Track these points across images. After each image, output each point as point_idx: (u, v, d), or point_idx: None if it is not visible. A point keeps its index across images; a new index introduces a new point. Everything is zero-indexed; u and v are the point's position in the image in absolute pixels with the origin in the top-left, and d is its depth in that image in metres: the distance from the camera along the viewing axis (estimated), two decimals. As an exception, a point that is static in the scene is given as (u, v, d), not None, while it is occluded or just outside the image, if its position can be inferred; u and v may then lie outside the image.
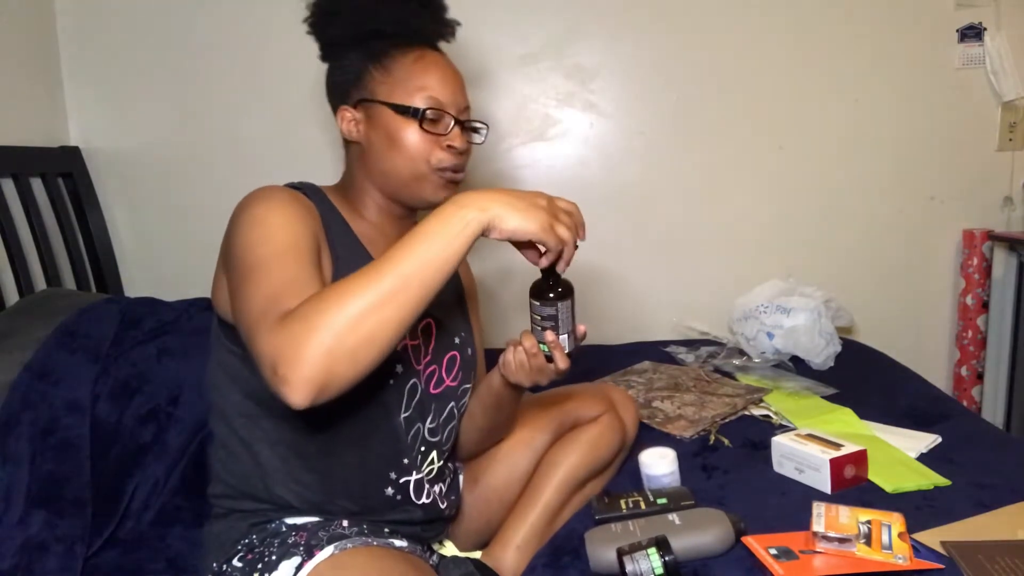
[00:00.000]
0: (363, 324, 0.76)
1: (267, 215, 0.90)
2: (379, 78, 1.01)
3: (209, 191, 2.01)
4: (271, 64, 1.96)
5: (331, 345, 0.74)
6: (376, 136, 1.01)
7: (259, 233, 0.88)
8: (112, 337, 1.32)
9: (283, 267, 0.85)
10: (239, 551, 0.96)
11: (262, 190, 0.95)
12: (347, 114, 1.04)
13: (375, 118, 1.01)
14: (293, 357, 0.74)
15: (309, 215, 0.95)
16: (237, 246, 0.89)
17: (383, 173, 1.02)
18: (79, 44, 1.96)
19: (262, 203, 0.92)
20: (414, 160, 1.00)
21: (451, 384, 1.09)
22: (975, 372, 2.17)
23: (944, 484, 1.18)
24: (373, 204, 1.06)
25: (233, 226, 0.92)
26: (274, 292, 0.81)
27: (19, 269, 1.63)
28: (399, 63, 1.01)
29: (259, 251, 0.87)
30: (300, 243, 0.89)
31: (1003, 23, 2.04)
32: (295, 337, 0.75)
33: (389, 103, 1.00)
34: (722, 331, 2.09)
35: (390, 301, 0.78)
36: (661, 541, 0.96)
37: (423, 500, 1.05)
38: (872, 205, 2.14)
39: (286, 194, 0.95)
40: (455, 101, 1.03)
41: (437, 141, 1.00)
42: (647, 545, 0.96)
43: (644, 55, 2.07)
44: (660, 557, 0.95)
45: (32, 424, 1.17)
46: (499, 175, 2.08)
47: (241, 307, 0.84)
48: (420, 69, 1.01)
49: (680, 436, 1.45)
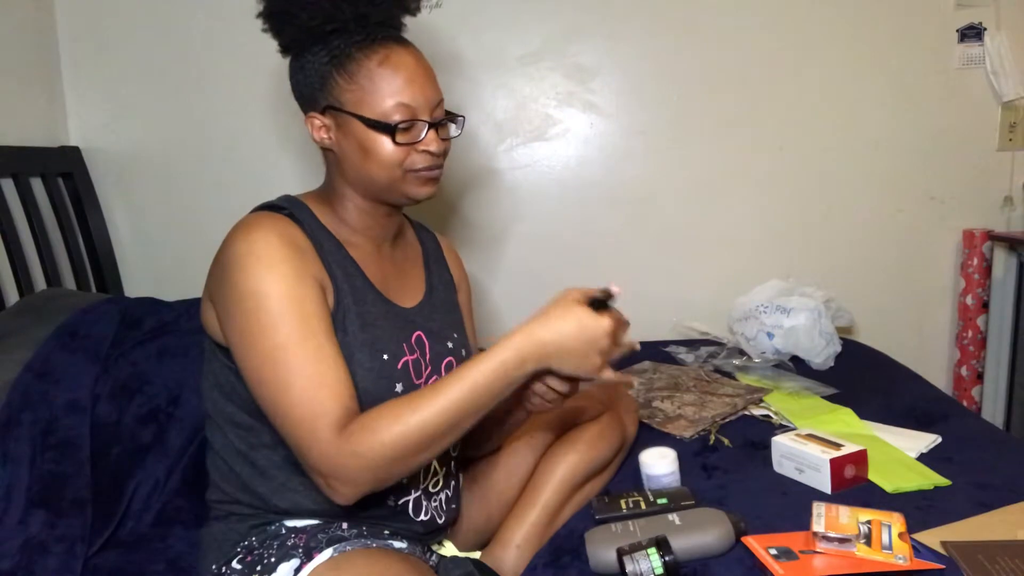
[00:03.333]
0: (415, 464, 0.89)
1: (267, 287, 0.88)
2: (344, 84, 0.96)
3: (209, 191, 2.02)
4: (271, 64, 1.95)
5: (384, 478, 0.88)
6: (348, 145, 0.98)
7: (265, 316, 0.87)
8: (112, 337, 1.32)
9: (305, 359, 0.87)
10: (238, 553, 0.96)
11: (251, 239, 0.90)
12: (316, 121, 0.99)
13: (345, 127, 0.97)
14: (348, 480, 0.86)
15: (305, 257, 0.92)
16: (240, 320, 0.89)
17: (360, 180, 1.00)
18: (79, 44, 1.96)
19: (257, 264, 0.89)
20: (389, 168, 0.97)
21: None
22: (975, 372, 2.16)
23: (944, 484, 1.18)
24: (356, 208, 1.03)
25: (228, 284, 0.90)
26: (310, 396, 0.86)
27: (19, 269, 1.63)
28: (363, 67, 0.95)
29: (271, 339, 0.87)
30: (309, 313, 0.89)
31: (1003, 23, 2.04)
32: (352, 470, 0.85)
33: (359, 115, 0.95)
34: (722, 331, 2.09)
35: (443, 444, 0.90)
36: (661, 541, 0.96)
37: (421, 517, 1.04)
38: (872, 205, 2.14)
39: (276, 236, 0.91)
40: (427, 101, 0.97)
41: (412, 147, 0.97)
42: (647, 545, 0.96)
43: (644, 55, 2.07)
44: (660, 557, 0.95)
45: (32, 424, 1.16)
46: (499, 175, 2.08)
47: (266, 398, 0.89)
48: (387, 73, 0.95)
49: (680, 436, 1.45)
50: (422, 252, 1.17)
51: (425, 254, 1.17)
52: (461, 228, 2.11)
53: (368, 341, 0.96)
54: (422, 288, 1.12)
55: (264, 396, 0.89)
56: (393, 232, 1.09)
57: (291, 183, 1.09)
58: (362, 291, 0.99)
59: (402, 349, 1.00)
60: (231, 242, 0.92)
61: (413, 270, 1.13)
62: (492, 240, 2.12)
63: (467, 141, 1.06)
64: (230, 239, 0.93)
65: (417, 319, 1.06)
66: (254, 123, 2.01)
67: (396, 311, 1.03)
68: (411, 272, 1.12)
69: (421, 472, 1.04)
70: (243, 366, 0.91)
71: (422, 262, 1.16)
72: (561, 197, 2.12)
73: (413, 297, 1.09)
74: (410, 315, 1.05)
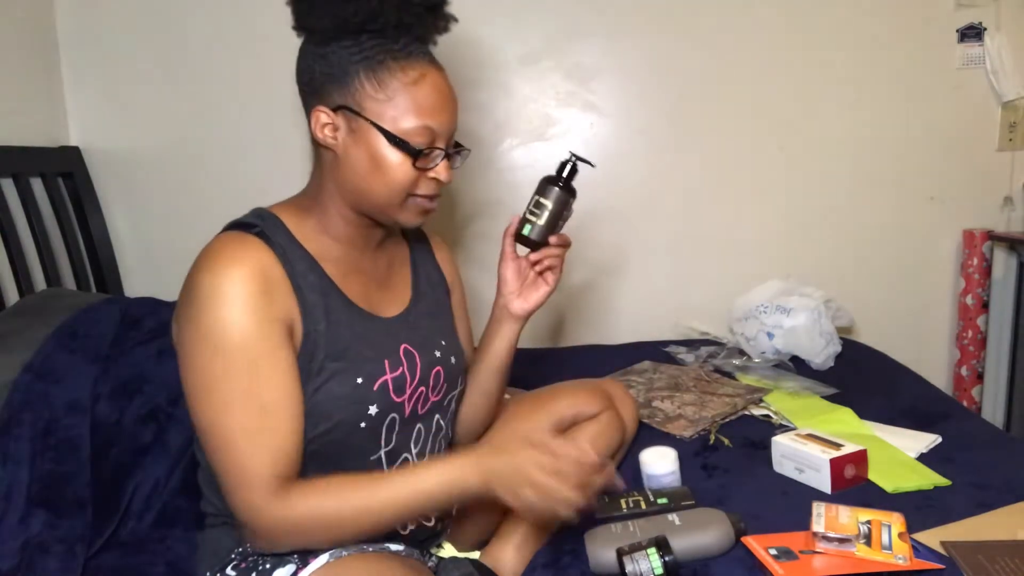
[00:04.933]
0: (337, 540, 0.90)
1: (226, 336, 0.86)
2: (370, 91, 0.91)
3: (209, 191, 2.01)
4: (271, 64, 1.96)
5: (303, 543, 0.89)
6: (357, 153, 0.93)
7: (220, 365, 0.86)
8: (112, 337, 1.32)
9: (246, 420, 0.86)
10: (233, 559, 0.95)
11: (217, 272, 0.87)
12: (323, 116, 0.93)
13: (360, 134, 0.92)
14: (267, 537, 0.89)
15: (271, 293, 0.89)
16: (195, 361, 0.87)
17: (357, 191, 0.95)
18: (79, 44, 1.96)
19: (220, 307, 0.86)
20: (395, 189, 0.93)
21: (435, 399, 1.06)
22: (975, 372, 2.17)
23: (944, 484, 1.18)
24: (340, 219, 0.98)
25: (190, 319, 0.88)
26: (245, 458, 0.86)
27: (19, 269, 1.63)
28: (397, 81, 0.90)
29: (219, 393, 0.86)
30: (263, 366, 0.87)
31: (1003, 23, 2.04)
32: (274, 532, 0.88)
33: (382, 128, 0.91)
34: (722, 331, 2.09)
35: (368, 532, 0.90)
36: (661, 541, 0.96)
37: (408, 528, 1.04)
38: (872, 205, 2.14)
39: (243, 271, 0.87)
40: (449, 130, 0.95)
41: (423, 174, 0.95)
42: (647, 545, 0.96)
43: (644, 55, 2.07)
44: (660, 557, 0.95)
45: (32, 424, 1.16)
46: (499, 175, 2.08)
47: (207, 444, 0.89)
48: (421, 95, 0.91)
49: (680, 436, 1.45)
50: (409, 252, 1.14)
51: (412, 256, 1.14)
52: (460, 229, 2.11)
53: (340, 369, 0.94)
54: (408, 293, 1.09)
55: (205, 443, 0.89)
56: (377, 241, 1.05)
57: (291, 183, 1.08)
58: (338, 312, 0.96)
59: (382, 367, 0.97)
60: (197, 273, 0.89)
61: (398, 274, 1.10)
62: (492, 241, 2.11)
63: (467, 141, 1.05)
64: (196, 268, 0.90)
65: (402, 331, 1.03)
66: (254, 123, 2.01)
67: (378, 325, 1.00)
68: (395, 277, 1.09)
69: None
70: (190, 408, 0.90)
71: (408, 264, 1.13)
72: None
73: (398, 305, 1.06)
74: (393, 327, 1.02)
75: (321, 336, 0.93)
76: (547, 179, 1.10)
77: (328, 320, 0.94)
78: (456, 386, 1.11)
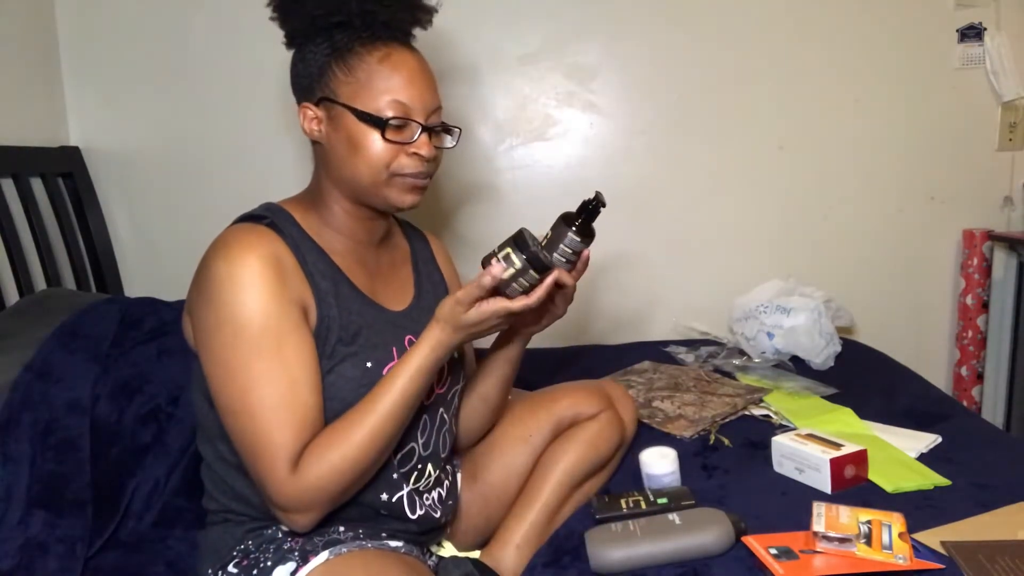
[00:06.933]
0: (371, 470, 0.93)
1: (246, 318, 0.87)
2: (341, 77, 0.95)
3: (209, 191, 2.02)
4: (271, 64, 1.96)
5: (338, 497, 0.91)
6: (337, 139, 0.96)
7: (242, 348, 0.87)
8: (112, 337, 1.32)
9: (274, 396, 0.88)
10: (234, 557, 0.96)
11: (231, 260, 0.89)
12: (308, 111, 0.98)
13: (337, 120, 0.96)
14: (304, 509, 0.90)
15: (286, 277, 0.91)
16: (216, 349, 0.89)
17: (344, 178, 0.98)
18: (79, 44, 1.96)
19: (237, 291, 0.88)
20: (375, 168, 0.95)
21: (440, 392, 1.08)
22: (975, 372, 2.17)
23: (944, 484, 1.18)
24: (341, 210, 1.01)
25: (207, 308, 0.90)
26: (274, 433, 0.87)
27: (19, 269, 1.63)
28: (363, 62, 0.95)
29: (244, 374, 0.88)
30: (285, 343, 0.89)
31: (1003, 23, 2.04)
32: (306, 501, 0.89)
33: (351, 107, 0.94)
34: (722, 331, 2.09)
35: (390, 443, 0.93)
36: (516, 236, 0.96)
37: (417, 513, 1.04)
38: (872, 205, 2.14)
39: (257, 257, 0.89)
40: (423, 104, 0.96)
41: (402, 148, 0.95)
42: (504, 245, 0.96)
43: (644, 55, 2.07)
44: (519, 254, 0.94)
45: (32, 424, 1.16)
46: (499, 176, 2.08)
47: (233, 427, 0.90)
48: (386, 70, 0.95)
49: (680, 436, 1.45)
50: (410, 254, 1.16)
51: (413, 255, 1.16)
52: (461, 229, 2.11)
53: (352, 352, 0.96)
54: (411, 291, 1.11)
55: (231, 425, 0.90)
56: (380, 236, 1.08)
57: (291, 183, 1.08)
58: (348, 299, 0.98)
59: (390, 354, 0.99)
60: (212, 261, 0.90)
61: (401, 273, 1.12)
62: (492, 241, 2.11)
63: (467, 141, 1.05)
64: (211, 257, 0.91)
65: (407, 323, 1.05)
66: (254, 123, 2.01)
67: (385, 316, 1.03)
68: (399, 275, 1.11)
69: (413, 474, 1.04)
70: (214, 392, 0.91)
71: (410, 264, 1.15)
72: (561, 198, 2.11)
73: (402, 300, 1.08)
74: (399, 319, 1.05)
75: (334, 321, 0.95)
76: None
77: (339, 306, 0.97)
78: (459, 381, 1.13)
